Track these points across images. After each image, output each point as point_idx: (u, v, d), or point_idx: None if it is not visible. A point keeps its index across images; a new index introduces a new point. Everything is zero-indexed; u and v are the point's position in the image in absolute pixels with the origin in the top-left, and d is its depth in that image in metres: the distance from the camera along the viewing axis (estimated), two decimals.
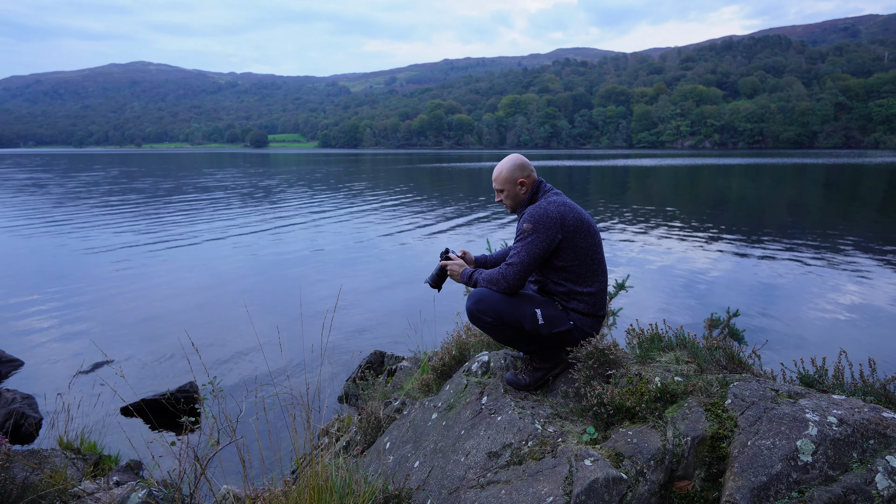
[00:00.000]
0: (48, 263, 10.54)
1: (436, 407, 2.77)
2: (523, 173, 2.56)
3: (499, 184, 2.60)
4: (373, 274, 9.77)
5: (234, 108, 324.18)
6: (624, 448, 1.99)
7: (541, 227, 2.38)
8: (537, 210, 2.42)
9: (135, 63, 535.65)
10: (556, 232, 2.38)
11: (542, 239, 2.38)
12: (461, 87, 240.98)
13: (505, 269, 2.44)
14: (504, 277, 2.43)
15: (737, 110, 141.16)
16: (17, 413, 4.42)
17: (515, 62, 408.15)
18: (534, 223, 2.39)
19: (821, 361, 2.28)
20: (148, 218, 16.85)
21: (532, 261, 2.40)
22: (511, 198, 2.61)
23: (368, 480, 2.06)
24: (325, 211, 18.73)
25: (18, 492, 2.33)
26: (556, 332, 2.44)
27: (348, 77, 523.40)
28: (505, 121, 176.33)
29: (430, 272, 2.76)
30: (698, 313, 7.19)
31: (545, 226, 2.38)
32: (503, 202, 2.65)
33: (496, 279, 2.46)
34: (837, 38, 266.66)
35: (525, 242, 2.40)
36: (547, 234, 2.38)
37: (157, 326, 6.99)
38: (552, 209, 2.40)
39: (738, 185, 30.39)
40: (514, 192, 2.59)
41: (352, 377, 5.22)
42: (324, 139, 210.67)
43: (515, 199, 2.61)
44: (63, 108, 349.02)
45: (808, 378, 2.24)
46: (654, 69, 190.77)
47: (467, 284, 2.62)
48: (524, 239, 2.40)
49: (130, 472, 3.43)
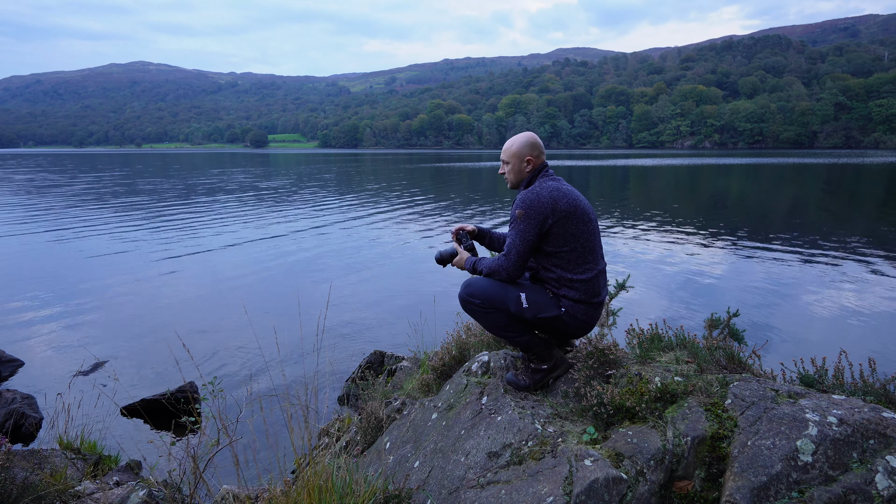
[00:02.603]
0: (48, 263, 10.54)
1: (436, 407, 2.77)
2: (532, 152, 2.57)
3: (506, 156, 2.63)
4: (373, 274, 9.78)
5: (234, 108, 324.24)
6: (624, 448, 1.99)
7: (532, 213, 2.40)
8: (529, 195, 2.43)
9: (135, 63, 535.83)
10: (546, 216, 2.39)
11: (532, 225, 2.41)
12: (461, 87, 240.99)
13: (503, 260, 2.50)
14: (502, 267, 2.50)
15: (737, 110, 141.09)
16: (17, 413, 4.42)
17: (515, 62, 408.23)
18: (525, 209, 2.41)
19: (821, 361, 2.28)
20: (148, 218, 16.85)
21: (527, 247, 2.45)
22: (514, 172, 2.62)
23: (368, 480, 2.06)
24: (325, 211, 18.73)
25: (18, 492, 2.33)
26: (542, 318, 2.45)
27: (348, 77, 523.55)
28: (505, 121, 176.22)
29: (443, 250, 2.85)
30: (698, 313, 7.19)
31: (536, 210, 2.39)
32: (505, 175, 2.67)
33: (496, 269, 2.52)
34: (837, 38, 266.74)
35: (518, 230, 2.44)
36: (537, 219, 2.40)
37: (157, 326, 6.99)
38: (544, 194, 2.41)
39: (738, 185, 30.38)
40: (518, 168, 2.60)
41: (352, 377, 5.22)
42: (324, 139, 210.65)
43: (518, 174, 2.62)
44: (63, 108, 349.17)
45: (808, 378, 2.24)
46: (654, 69, 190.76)
47: (471, 272, 2.67)
48: (517, 226, 2.44)
49: (130, 472, 3.43)
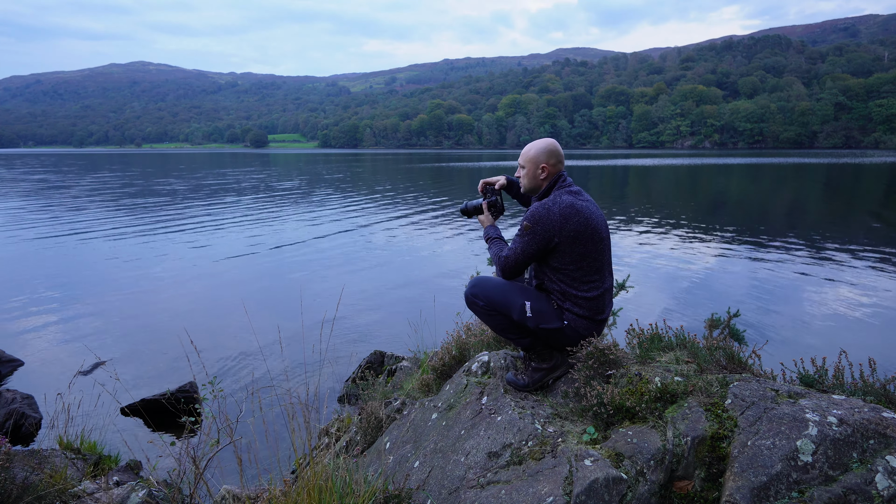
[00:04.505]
0: (48, 263, 10.54)
1: (436, 407, 2.77)
2: (549, 160, 2.56)
3: (523, 160, 2.63)
4: (373, 274, 9.78)
5: (234, 108, 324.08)
6: (624, 448, 1.99)
7: (538, 229, 2.39)
8: (540, 209, 2.41)
9: (135, 63, 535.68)
10: (552, 235, 2.38)
11: (537, 240, 2.40)
12: (461, 87, 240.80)
13: (500, 262, 2.54)
14: (498, 264, 2.56)
15: (737, 110, 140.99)
16: (17, 413, 4.42)
17: (515, 62, 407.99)
18: (532, 223, 2.40)
19: (821, 361, 2.28)
20: (149, 218, 16.85)
21: (525, 258, 2.47)
22: (528, 178, 2.62)
23: (368, 480, 2.06)
24: (325, 211, 18.73)
25: (18, 492, 2.33)
26: (544, 328, 2.44)
27: (348, 77, 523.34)
28: (505, 121, 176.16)
29: (470, 202, 2.85)
30: (698, 313, 7.19)
31: (543, 228, 2.38)
32: (521, 179, 2.67)
33: (494, 259, 2.59)
34: (837, 38, 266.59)
35: (521, 241, 2.45)
36: (543, 236, 2.39)
37: (157, 326, 6.99)
38: (555, 210, 2.38)
39: (738, 185, 30.38)
40: (533, 174, 2.60)
41: (352, 377, 5.22)
42: (324, 139, 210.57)
43: (532, 180, 2.61)
44: (63, 108, 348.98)
45: (808, 378, 2.24)
46: (654, 69, 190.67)
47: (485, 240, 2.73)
48: (521, 236, 2.45)
49: (130, 472, 3.43)
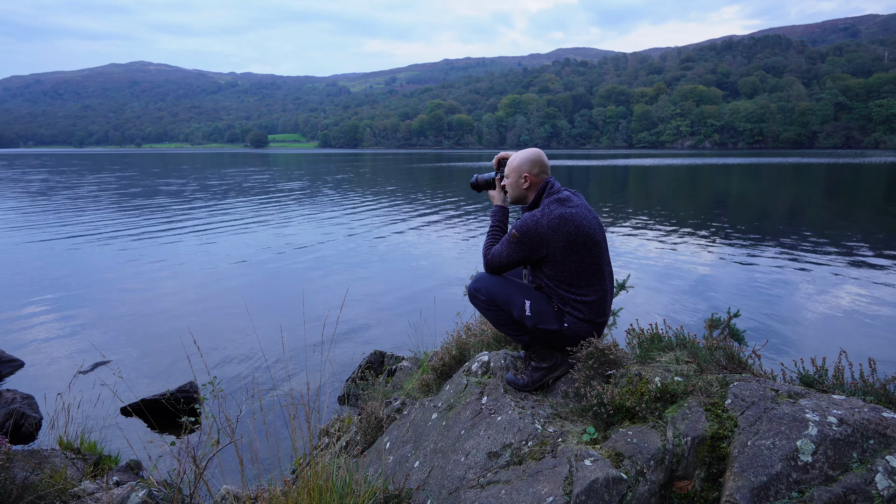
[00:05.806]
0: (48, 263, 10.54)
1: (436, 407, 2.77)
2: (532, 170, 2.53)
3: (507, 170, 2.62)
4: (373, 274, 9.78)
5: (234, 108, 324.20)
6: (624, 448, 1.99)
7: (525, 241, 2.37)
8: (528, 221, 2.37)
9: (135, 63, 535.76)
10: (540, 247, 2.35)
11: (523, 250, 2.40)
12: (461, 87, 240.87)
13: (488, 256, 2.54)
14: (485, 257, 2.56)
15: (737, 110, 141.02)
16: (17, 413, 4.42)
17: (515, 62, 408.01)
18: (520, 234, 2.38)
19: (821, 361, 2.28)
20: (149, 218, 16.85)
21: (509, 263, 2.47)
22: (511, 188, 2.61)
23: (368, 480, 2.06)
24: (326, 211, 18.73)
25: (18, 492, 2.33)
26: (543, 329, 2.43)
27: (348, 77, 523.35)
28: (505, 121, 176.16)
29: (481, 175, 2.83)
30: (698, 313, 7.19)
31: (529, 240, 2.36)
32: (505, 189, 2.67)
33: (483, 250, 2.59)
34: (837, 38, 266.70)
35: (509, 246, 2.44)
36: (530, 248, 2.38)
37: (157, 326, 6.99)
38: (543, 223, 2.34)
39: (738, 185, 30.38)
40: (516, 184, 2.58)
41: (352, 377, 5.22)
42: (324, 139, 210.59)
43: (515, 190, 2.59)
44: (63, 108, 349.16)
45: (808, 378, 2.24)
46: (654, 69, 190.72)
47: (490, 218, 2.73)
48: (509, 242, 2.44)
49: (130, 472, 3.43)
